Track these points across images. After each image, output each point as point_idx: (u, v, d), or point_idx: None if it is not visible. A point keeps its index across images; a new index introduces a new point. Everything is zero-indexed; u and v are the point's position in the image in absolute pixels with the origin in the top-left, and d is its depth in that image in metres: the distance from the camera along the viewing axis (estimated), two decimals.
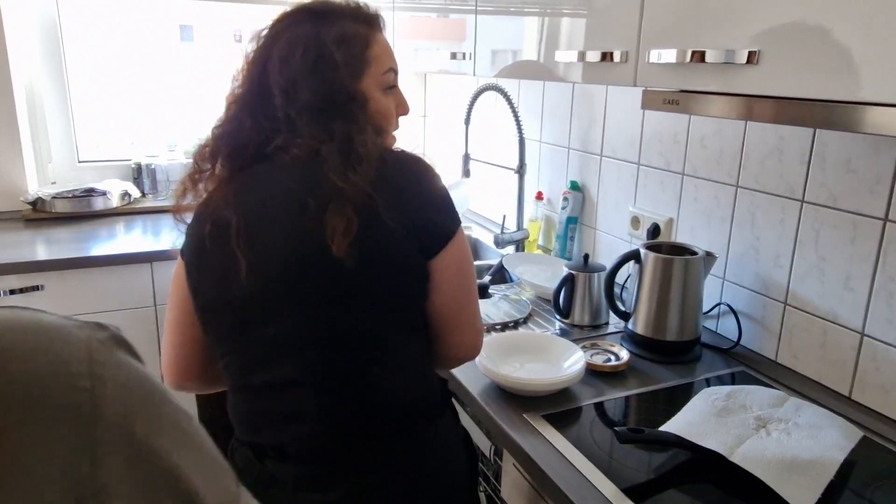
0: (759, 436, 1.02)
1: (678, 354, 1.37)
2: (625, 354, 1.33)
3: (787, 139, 1.26)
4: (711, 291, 1.47)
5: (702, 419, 1.05)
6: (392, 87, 1.03)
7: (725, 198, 1.41)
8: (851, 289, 1.16)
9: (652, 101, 1.06)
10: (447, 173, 2.71)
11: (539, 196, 2.04)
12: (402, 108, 1.05)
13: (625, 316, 1.44)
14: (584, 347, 1.35)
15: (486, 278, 1.88)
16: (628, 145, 1.68)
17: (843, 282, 1.18)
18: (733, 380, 1.31)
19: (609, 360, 1.32)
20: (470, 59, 1.63)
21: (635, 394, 1.23)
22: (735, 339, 1.40)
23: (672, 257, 1.35)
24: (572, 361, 1.26)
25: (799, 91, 0.82)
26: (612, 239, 1.78)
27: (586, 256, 1.57)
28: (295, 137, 0.92)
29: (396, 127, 1.05)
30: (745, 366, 1.34)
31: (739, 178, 1.37)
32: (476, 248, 2.25)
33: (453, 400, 1.15)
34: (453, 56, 1.70)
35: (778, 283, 1.31)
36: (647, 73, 1.06)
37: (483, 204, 2.44)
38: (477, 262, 2.02)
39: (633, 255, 1.40)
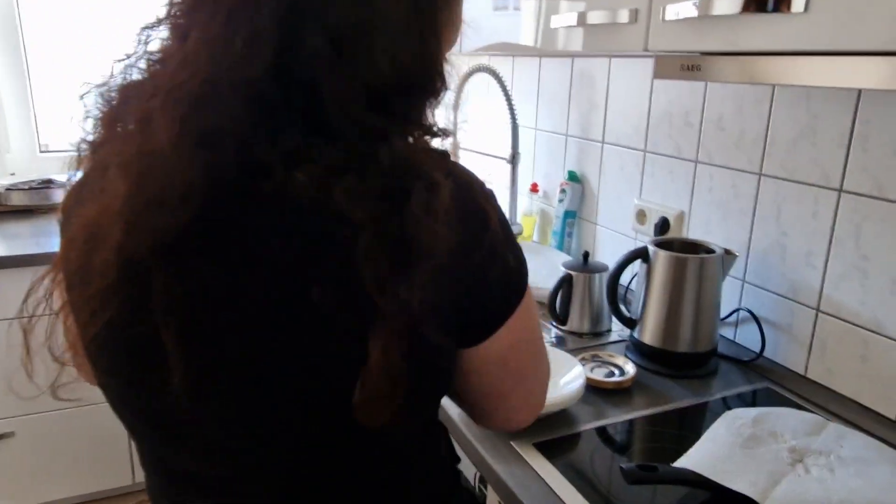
0: (797, 473, 0.83)
1: (692, 368, 1.19)
2: (630, 368, 1.14)
3: (821, 117, 1.07)
4: (729, 295, 1.29)
5: (726, 451, 0.87)
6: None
7: (746, 188, 1.23)
8: None
9: (667, 68, 0.88)
10: None
11: (534, 188, 1.86)
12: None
13: (630, 323, 1.25)
14: (583, 360, 1.17)
15: None
16: (633, 131, 1.50)
17: (891, 285, 0.99)
18: (755, 399, 1.12)
19: (612, 374, 1.14)
20: None
21: (643, 416, 1.05)
22: (757, 351, 1.22)
23: (686, 256, 1.17)
24: (570, 378, 1.08)
25: (863, 42, 0.64)
26: (614, 235, 1.60)
27: (586, 254, 1.38)
28: (321, 146, 0.53)
29: None
30: (769, 381, 1.16)
31: (763, 165, 1.19)
32: None
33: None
34: None
35: (809, 286, 1.13)
36: (661, 33, 0.87)
37: None
38: None
39: (641, 254, 1.22)
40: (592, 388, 1.11)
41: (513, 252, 0.60)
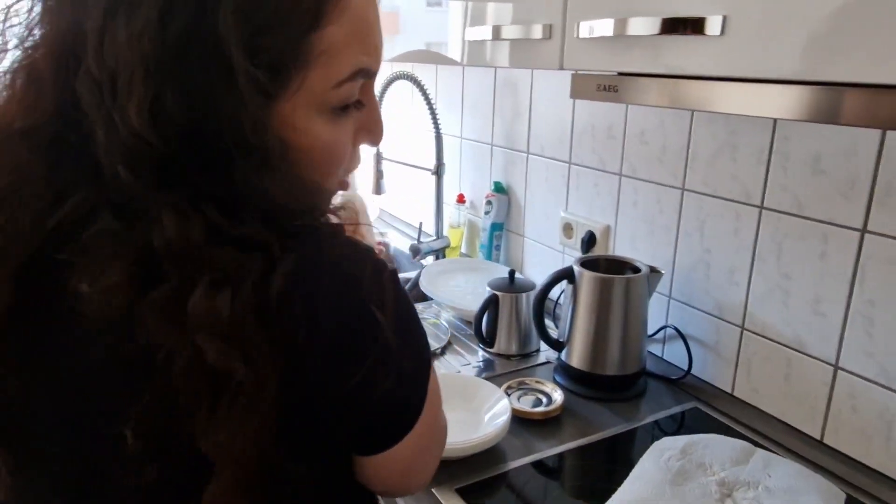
0: None
1: (620, 390, 1.16)
2: (558, 396, 1.10)
3: (740, 133, 1.05)
4: (656, 312, 1.26)
5: (655, 491, 0.83)
6: (355, 105, 0.52)
7: (670, 202, 1.20)
8: (822, 313, 0.97)
9: (583, 88, 0.83)
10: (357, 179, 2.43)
11: (461, 199, 1.80)
12: (373, 133, 0.56)
13: (557, 346, 1.21)
14: (509, 388, 1.11)
15: None
16: (557, 142, 1.46)
17: (812, 304, 0.98)
18: (684, 420, 1.10)
19: (540, 402, 1.09)
20: None
21: (572, 448, 1.01)
22: (685, 368, 1.19)
23: (612, 277, 1.13)
24: (495, 413, 1.02)
25: (778, 70, 0.60)
26: (542, 248, 1.56)
27: (512, 273, 1.33)
28: (115, 197, 0.44)
29: (355, 166, 0.59)
30: (697, 400, 1.14)
31: (686, 180, 1.16)
32: (395, 260, 1.99)
33: None
34: None
35: (733, 304, 1.11)
36: (577, 51, 0.82)
37: (401, 208, 2.19)
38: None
39: (567, 274, 1.17)
40: (519, 419, 1.06)
41: (411, 354, 0.49)
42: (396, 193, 2.15)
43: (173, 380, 0.41)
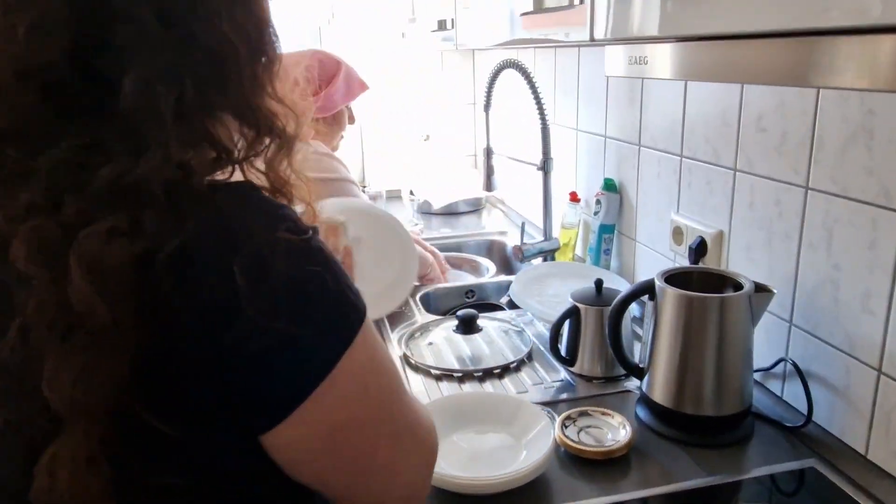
0: None
1: (714, 433, 0.95)
2: (624, 433, 0.92)
3: (879, 113, 0.79)
4: (774, 340, 1.01)
5: None
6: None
7: (791, 204, 0.95)
8: None
9: (615, 62, 0.67)
10: (463, 176, 2.34)
11: (573, 197, 1.63)
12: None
13: (638, 373, 1.03)
14: (568, 418, 0.96)
15: (505, 301, 1.52)
16: (669, 131, 1.24)
17: None
18: (801, 482, 0.87)
19: (604, 438, 0.93)
20: (453, 27, 1.27)
21: (631, 499, 0.83)
22: (805, 414, 0.94)
23: (701, 295, 0.92)
24: (536, 445, 0.89)
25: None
26: (654, 255, 1.35)
27: (599, 283, 1.16)
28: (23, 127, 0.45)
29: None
30: (818, 457, 0.89)
31: (810, 176, 0.91)
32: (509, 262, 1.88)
33: None
34: (440, 26, 1.34)
35: (868, 338, 0.84)
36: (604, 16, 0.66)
37: (521, 206, 2.06)
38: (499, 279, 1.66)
39: (647, 289, 0.99)
40: (575, 457, 0.91)
41: (299, 324, 0.45)
42: (515, 191, 2.04)
43: (28, 314, 0.41)
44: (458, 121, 2.51)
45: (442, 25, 1.30)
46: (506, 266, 1.87)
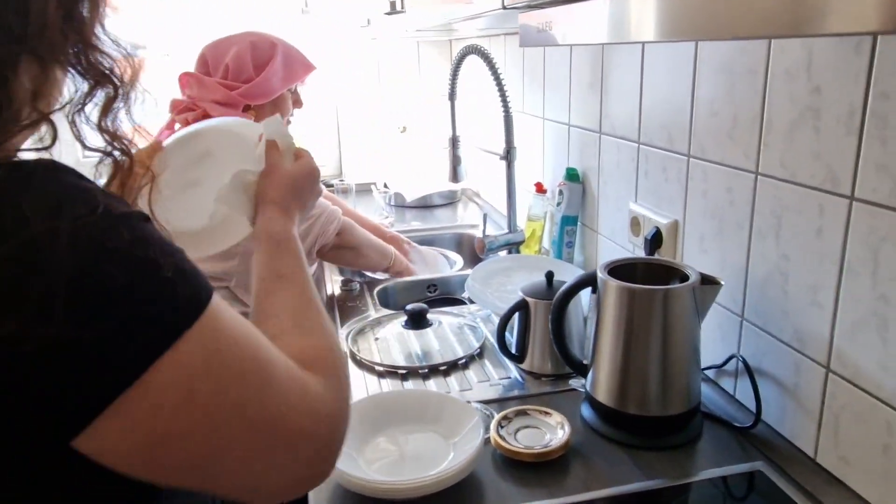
0: None
1: (662, 434, 0.89)
2: (562, 434, 0.87)
3: (825, 91, 0.73)
4: (728, 334, 0.96)
5: None
6: None
7: (742, 191, 0.90)
8: None
9: (527, 31, 0.61)
10: (439, 168, 2.28)
11: (539, 188, 1.58)
12: None
13: (582, 370, 0.97)
14: (505, 418, 0.91)
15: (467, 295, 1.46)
16: (627, 118, 1.19)
17: None
18: (751, 486, 0.81)
19: (541, 438, 0.87)
20: (402, 8, 1.21)
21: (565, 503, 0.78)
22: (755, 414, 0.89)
23: (643, 288, 0.87)
24: (464, 445, 0.83)
25: None
26: (615, 247, 1.30)
27: (550, 275, 1.11)
28: None
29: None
30: (766, 460, 0.84)
31: (760, 161, 0.86)
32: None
33: None
34: (392, 8, 1.28)
35: (816, 333, 0.79)
36: None
37: (494, 198, 2.01)
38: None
39: (589, 281, 0.93)
40: (507, 459, 0.85)
41: (100, 323, 0.39)
42: (488, 183, 1.98)
43: None
44: (436, 112, 2.45)
45: (393, 7, 1.25)
46: (476, 260, 1.82)
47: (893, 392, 0.68)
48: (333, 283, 1.53)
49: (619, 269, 0.92)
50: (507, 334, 1.11)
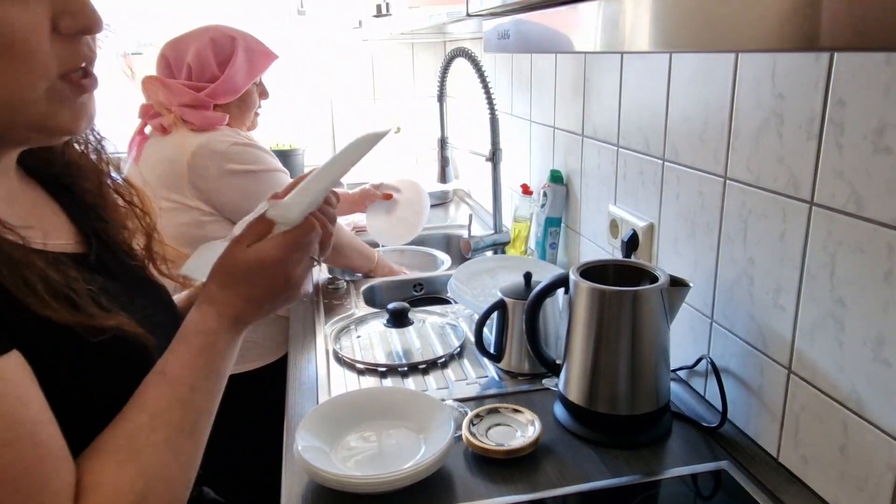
0: None
1: (631, 433, 0.91)
2: (532, 431, 0.89)
3: (788, 97, 0.75)
4: (699, 336, 0.97)
5: None
6: None
7: (711, 195, 0.91)
8: (885, 361, 0.65)
9: (490, 38, 0.63)
10: (433, 169, 2.30)
11: (525, 189, 1.59)
12: (76, 15, 0.50)
13: (555, 369, 0.99)
14: (477, 416, 0.92)
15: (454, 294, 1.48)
16: (608, 121, 1.20)
17: (873, 347, 0.66)
18: (718, 485, 0.83)
19: (512, 436, 0.89)
20: (387, 11, 1.23)
21: (534, 499, 0.80)
22: (729, 413, 0.90)
23: (613, 288, 0.88)
24: (434, 441, 0.85)
25: None
26: (596, 249, 1.31)
27: (528, 276, 1.12)
28: None
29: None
30: (731, 459, 0.85)
31: (728, 165, 0.87)
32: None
33: None
34: (378, 11, 1.30)
35: (778, 336, 0.80)
36: None
37: (483, 198, 2.02)
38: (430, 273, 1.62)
39: (562, 282, 0.95)
40: (478, 456, 0.87)
41: None
42: (478, 184, 2.00)
43: None
44: (429, 113, 2.47)
45: (379, 10, 1.26)
46: (463, 260, 1.83)
47: (849, 393, 0.70)
48: (320, 282, 1.55)
49: (592, 271, 0.94)
50: (486, 334, 1.13)
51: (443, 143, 1.71)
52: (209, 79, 1.30)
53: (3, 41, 0.46)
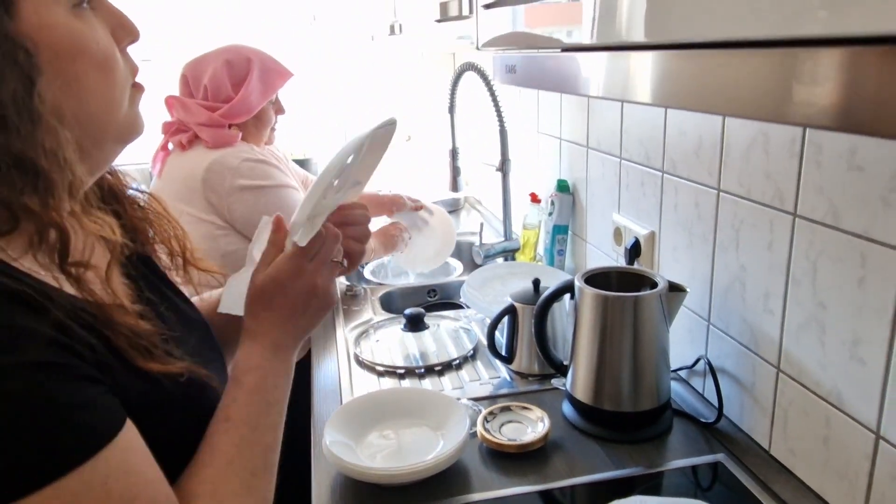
0: None
1: (634, 429, 0.97)
2: (542, 427, 0.95)
3: None
4: (697, 338, 1.04)
5: None
6: (88, 3, 0.53)
7: (707, 206, 0.98)
8: (861, 360, 0.71)
9: (497, 69, 0.70)
10: (443, 177, 2.37)
11: (534, 198, 1.66)
12: (125, 27, 0.56)
13: (563, 370, 1.06)
14: (490, 413, 0.99)
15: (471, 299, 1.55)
16: (610, 133, 1.27)
17: (850, 347, 0.73)
18: (715, 476, 0.89)
19: (523, 432, 0.96)
20: (400, 31, 1.31)
21: (544, 489, 0.86)
22: (726, 410, 0.97)
23: (615, 295, 0.95)
24: (451, 436, 0.92)
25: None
26: (601, 255, 1.38)
27: (536, 282, 1.19)
28: None
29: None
30: (727, 452, 0.92)
31: (721, 178, 0.94)
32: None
33: None
34: (391, 31, 1.38)
35: (768, 337, 0.87)
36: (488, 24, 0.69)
37: (494, 206, 2.09)
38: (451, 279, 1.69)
39: (568, 288, 1.02)
40: (492, 451, 0.94)
41: None
42: (489, 193, 2.07)
43: None
44: (439, 123, 2.55)
45: (392, 30, 1.34)
46: (474, 266, 1.90)
47: (831, 389, 0.76)
48: (338, 289, 1.63)
49: (596, 278, 1.01)
50: (497, 337, 1.19)
51: (454, 153, 1.79)
52: (224, 99, 1.36)
53: (97, 56, 0.52)
